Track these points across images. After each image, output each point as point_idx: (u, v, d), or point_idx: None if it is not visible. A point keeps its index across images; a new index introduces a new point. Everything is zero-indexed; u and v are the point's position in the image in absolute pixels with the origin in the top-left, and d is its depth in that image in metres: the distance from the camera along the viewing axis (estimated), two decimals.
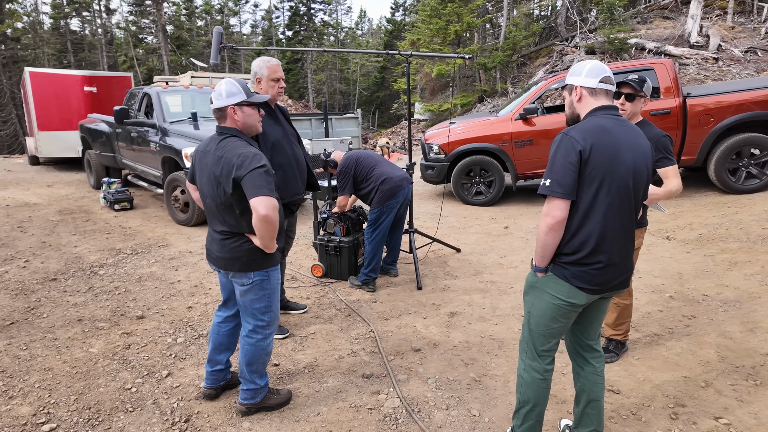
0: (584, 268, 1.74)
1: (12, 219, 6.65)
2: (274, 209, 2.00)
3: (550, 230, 1.71)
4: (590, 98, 1.81)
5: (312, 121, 9.98)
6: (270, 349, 2.31)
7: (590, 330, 1.98)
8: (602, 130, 1.72)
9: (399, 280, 4.30)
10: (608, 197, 1.70)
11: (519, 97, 7.40)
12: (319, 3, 36.85)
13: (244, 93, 2.17)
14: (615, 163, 1.70)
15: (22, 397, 2.51)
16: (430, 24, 19.01)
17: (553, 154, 1.74)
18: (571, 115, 1.88)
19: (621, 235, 1.76)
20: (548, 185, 1.70)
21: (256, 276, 2.19)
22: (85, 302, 3.80)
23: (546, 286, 1.83)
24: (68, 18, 29.36)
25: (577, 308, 1.82)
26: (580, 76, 1.82)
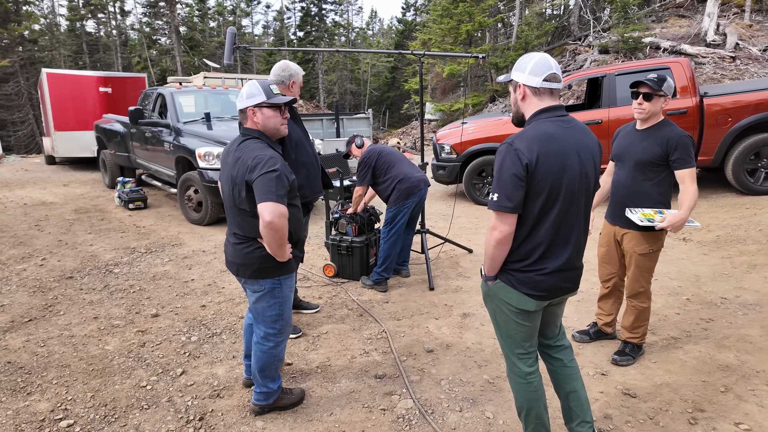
0: (530, 275, 1.71)
1: (29, 217, 6.77)
2: (280, 216, 1.94)
3: (499, 244, 1.68)
4: (534, 98, 1.71)
5: (323, 121, 10.01)
6: (282, 355, 2.30)
7: (547, 332, 1.98)
8: (548, 137, 1.64)
9: (411, 280, 4.28)
10: (556, 206, 1.66)
11: None
12: (330, 3, 36.99)
13: (264, 94, 2.13)
14: (562, 172, 1.64)
15: (39, 393, 2.55)
16: (441, 24, 18.96)
17: (498, 166, 1.66)
18: (516, 114, 1.79)
19: (570, 240, 1.72)
20: (496, 200, 1.64)
21: (268, 284, 2.16)
22: (101, 300, 3.85)
23: (497, 294, 1.81)
24: (84, 20, 29.83)
25: (531, 313, 1.78)
26: (524, 73, 1.70)
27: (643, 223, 2.48)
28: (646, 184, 2.54)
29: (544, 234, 1.67)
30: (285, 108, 2.21)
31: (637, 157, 2.54)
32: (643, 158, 2.51)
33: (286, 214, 1.99)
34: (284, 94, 2.88)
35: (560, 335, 2.01)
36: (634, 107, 2.59)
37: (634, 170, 2.57)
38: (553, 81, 1.68)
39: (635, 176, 2.57)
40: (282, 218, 1.96)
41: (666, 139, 2.46)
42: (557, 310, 1.93)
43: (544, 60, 1.68)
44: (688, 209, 2.41)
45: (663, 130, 2.51)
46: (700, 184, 6.93)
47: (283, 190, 1.98)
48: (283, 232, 2.00)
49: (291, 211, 2.17)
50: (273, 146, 2.17)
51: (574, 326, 3.30)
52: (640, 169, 2.54)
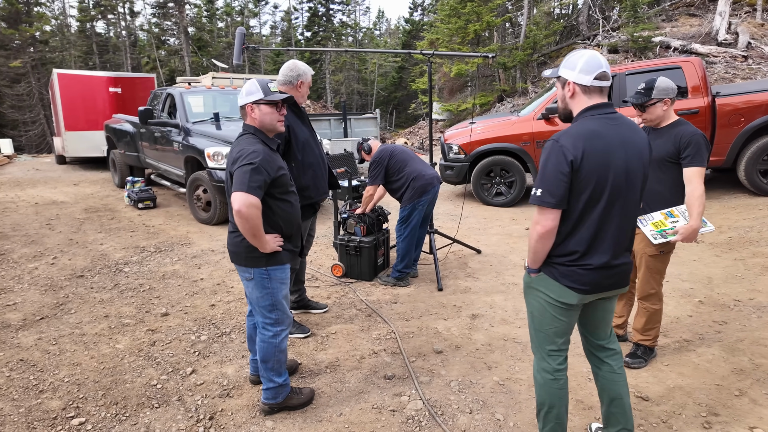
0: (573, 268, 1.73)
1: (41, 216, 6.84)
2: (248, 206, 2.00)
3: (541, 238, 1.71)
4: (583, 96, 1.73)
5: (331, 121, 10.02)
6: (283, 347, 2.30)
7: (598, 332, 1.96)
8: (593, 135, 1.66)
9: (419, 280, 4.27)
10: (600, 203, 1.68)
11: (541, 96, 7.30)
12: (338, 4, 37.05)
13: (261, 92, 2.21)
14: (607, 169, 1.66)
15: (52, 391, 2.57)
16: (449, 23, 18.91)
17: (543, 162, 1.70)
18: (564, 111, 1.82)
19: (615, 236, 1.73)
20: (539, 195, 1.67)
21: (256, 273, 2.21)
22: (111, 299, 3.88)
23: (539, 286, 1.83)
24: (94, 21, 30.12)
25: (574, 308, 1.80)
26: (574, 71, 1.71)
27: (657, 240, 2.46)
28: (657, 184, 2.52)
29: (588, 230, 1.69)
30: (282, 105, 2.27)
31: None
32: (655, 156, 2.48)
33: (256, 205, 2.03)
34: (292, 94, 2.92)
35: (611, 338, 1.99)
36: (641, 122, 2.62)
37: None
38: (603, 79, 1.70)
39: None
40: (250, 208, 2.01)
41: (679, 136, 2.44)
42: (608, 306, 1.91)
43: (594, 58, 1.69)
44: (698, 216, 2.38)
45: (677, 128, 2.48)
46: (712, 185, 6.86)
47: (257, 182, 2.04)
48: (254, 223, 2.04)
49: (282, 206, 2.21)
50: (267, 142, 2.21)
51: None
52: (653, 167, 2.51)
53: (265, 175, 2.06)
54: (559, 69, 1.79)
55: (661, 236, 2.45)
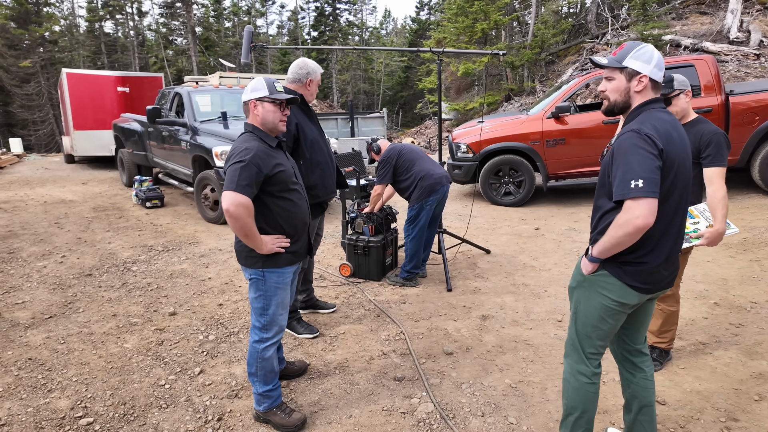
0: (640, 267, 1.67)
1: (49, 215, 6.87)
2: (237, 206, 1.96)
3: (638, 232, 1.55)
4: (651, 91, 1.69)
5: (338, 120, 9.99)
6: (267, 356, 2.21)
7: (638, 334, 1.91)
8: (669, 125, 1.64)
9: (428, 281, 4.23)
10: (673, 196, 1.65)
11: (550, 95, 7.23)
12: (344, 3, 37.03)
13: (266, 89, 2.17)
14: (683, 159, 1.65)
15: (60, 391, 2.56)
16: (456, 22, 18.83)
17: (629, 152, 1.58)
18: (623, 103, 1.72)
19: (677, 231, 1.70)
20: (642, 186, 1.53)
21: (253, 273, 2.17)
22: (119, 298, 3.87)
23: (595, 284, 1.75)
24: (102, 21, 30.34)
25: (627, 309, 1.74)
26: (649, 65, 1.65)
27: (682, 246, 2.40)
28: None
29: (660, 225, 1.63)
30: (286, 106, 2.22)
31: None
32: None
33: (245, 204, 1.99)
34: (301, 93, 2.90)
35: (644, 342, 1.94)
36: None
37: None
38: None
39: None
40: (239, 207, 1.97)
41: (699, 135, 2.38)
42: (650, 308, 1.87)
43: (660, 55, 1.68)
44: (723, 219, 2.32)
45: (697, 126, 2.42)
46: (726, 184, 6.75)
47: (246, 180, 1.99)
48: (243, 222, 2.00)
49: (282, 205, 2.16)
50: (265, 140, 2.16)
51: None
52: None
53: (257, 172, 2.01)
54: (626, 59, 1.67)
55: (686, 241, 2.38)
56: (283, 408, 2.29)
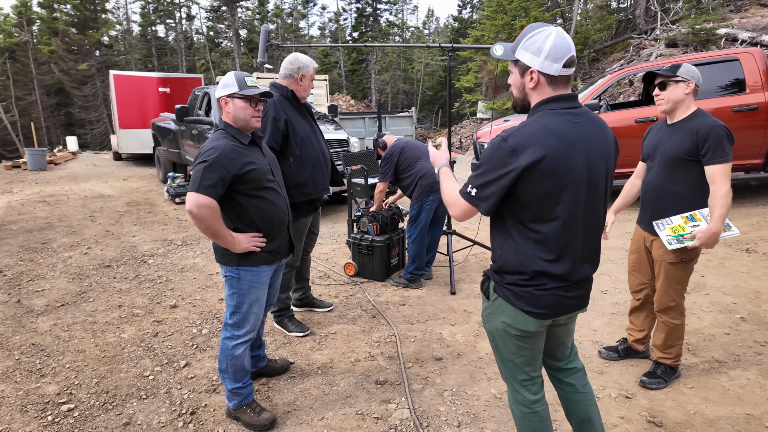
0: (527, 289, 1.48)
1: (86, 209, 7.25)
2: (198, 206, 1.92)
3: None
4: (548, 87, 1.43)
5: (365, 119, 9.98)
6: (237, 353, 2.18)
7: (556, 353, 1.74)
8: (550, 135, 1.38)
9: (433, 283, 4.11)
10: (556, 213, 1.41)
11: (580, 93, 6.89)
12: (385, 3, 37.09)
13: (236, 85, 2.12)
14: (565, 176, 1.38)
15: (52, 376, 2.65)
16: (495, 20, 18.42)
17: (486, 159, 1.43)
18: (522, 102, 1.51)
19: (574, 251, 1.47)
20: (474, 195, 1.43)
21: (228, 271, 2.15)
22: (129, 289, 4.00)
23: (496, 311, 1.58)
24: (154, 25, 31.90)
25: (532, 334, 1.55)
26: (539, 57, 1.39)
27: (672, 245, 2.20)
28: (676, 185, 2.24)
29: (542, 245, 1.43)
30: (258, 101, 2.17)
31: (666, 154, 2.24)
32: (672, 154, 2.21)
33: (208, 205, 1.95)
34: (293, 88, 2.87)
35: (572, 356, 1.78)
36: (655, 101, 2.33)
37: (663, 169, 2.27)
38: (571, 66, 1.42)
39: (665, 176, 2.27)
40: (201, 208, 1.93)
41: (695, 130, 2.15)
42: (566, 329, 1.70)
43: (563, 40, 1.37)
44: (719, 219, 2.09)
45: (694, 120, 2.20)
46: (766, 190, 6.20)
47: (210, 180, 1.95)
48: (208, 223, 1.97)
49: (255, 203, 2.12)
50: (238, 137, 2.12)
51: (604, 341, 3.01)
52: (670, 167, 2.24)
53: (223, 172, 1.97)
54: (517, 50, 1.45)
55: (677, 241, 2.18)
56: (253, 406, 2.27)
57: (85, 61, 23.76)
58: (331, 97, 23.21)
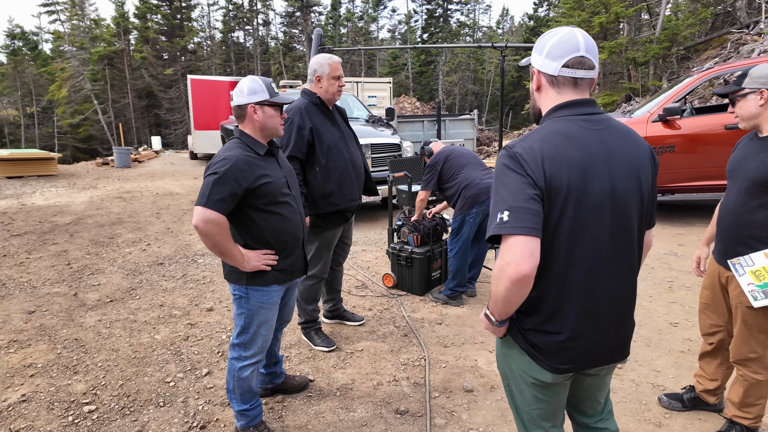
0: (544, 337, 1.23)
1: (155, 206, 7.69)
2: (205, 222, 1.81)
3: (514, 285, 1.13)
4: (551, 90, 1.26)
5: (424, 122, 9.75)
6: (244, 375, 2.07)
7: (583, 407, 1.45)
8: (561, 142, 1.16)
9: (476, 301, 3.82)
10: (572, 238, 1.17)
11: (660, 95, 6.20)
12: (456, 3, 36.52)
13: (267, 92, 2.01)
14: (581, 189, 1.15)
15: (83, 374, 2.73)
16: (571, 17, 17.38)
17: (498, 178, 1.20)
18: (533, 109, 1.34)
19: (601, 292, 1.20)
20: (507, 220, 1.12)
21: (237, 290, 2.04)
22: (174, 288, 4.11)
23: (510, 358, 1.34)
24: (233, 31, 33.82)
25: (552, 386, 1.30)
26: (540, 55, 1.26)
27: (758, 301, 1.78)
28: (760, 213, 1.81)
29: (552, 280, 1.20)
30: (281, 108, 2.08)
31: (750, 175, 1.82)
32: (757, 176, 1.79)
33: (215, 221, 1.83)
34: (316, 92, 2.75)
35: (605, 414, 1.49)
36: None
37: (744, 192, 1.85)
38: (578, 68, 1.21)
39: (745, 200, 1.85)
40: (208, 224, 1.81)
41: None
42: (598, 381, 1.40)
43: (568, 38, 1.22)
44: None
45: None
46: None
47: (219, 194, 1.83)
48: (215, 240, 1.85)
49: (268, 219, 1.99)
50: (253, 147, 2.00)
51: (667, 386, 2.58)
52: (753, 190, 1.82)
53: (234, 185, 1.86)
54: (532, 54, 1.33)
55: (765, 294, 1.76)
56: (260, 429, 2.16)
57: (171, 66, 25.73)
58: (397, 99, 23.20)
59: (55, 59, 32.72)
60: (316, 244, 2.86)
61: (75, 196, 8.46)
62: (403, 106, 22.01)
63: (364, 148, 6.13)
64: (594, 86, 1.28)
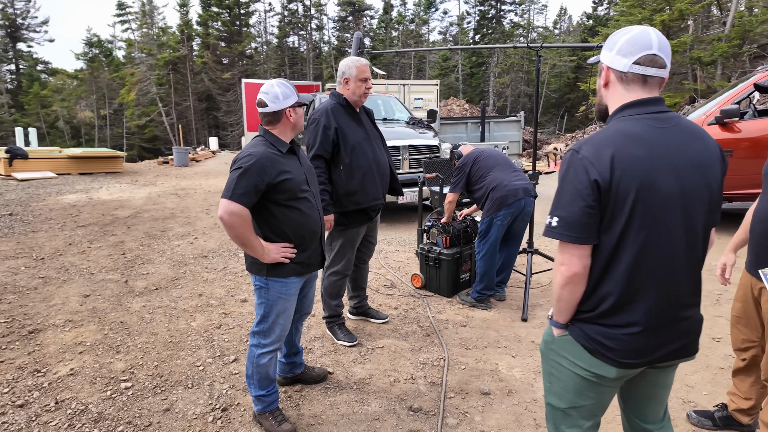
0: (610, 330, 1.23)
1: (205, 203, 8.13)
2: (230, 214, 1.92)
3: (567, 283, 1.25)
4: (619, 86, 1.27)
5: (468, 124, 9.66)
6: (262, 362, 2.17)
7: (646, 411, 1.40)
8: (629, 141, 1.18)
9: (504, 305, 3.77)
10: (641, 236, 1.18)
11: (719, 96, 5.81)
12: (509, 4, 35.78)
13: (296, 94, 2.17)
14: (650, 187, 1.16)
15: (124, 354, 2.96)
16: (630, 15, 16.60)
17: (561, 180, 1.26)
18: (599, 106, 1.36)
19: (669, 287, 1.21)
20: (555, 226, 1.23)
21: (258, 281, 2.14)
22: (214, 280, 4.34)
23: (563, 349, 1.34)
24: (288, 36, 35.00)
25: (611, 382, 1.29)
26: (611, 52, 1.27)
27: None
28: None
29: (620, 275, 1.22)
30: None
31: None
32: None
33: (239, 213, 1.93)
34: (343, 94, 2.84)
35: (665, 422, 1.46)
36: None
37: None
38: (650, 65, 1.22)
39: None
40: (232, 216, 1.92)
41: None
42: (664, 380, 1.39)
43: (641, 36, 1.23)
44: None
45: None
46: None
47: (243, 188, 1.94)
48: (237, 231, 1.95)
49: (288, 214, 2.09)
50: (276, 145, 2.11)
51: (698, 402, 2.45)
52: None
53: (257, 180, 1.97)
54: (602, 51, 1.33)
55: None
56: (275, 414, 2.26)
57: (229, 70, 27.06)
58: (445, 101, 23.07)
59: (126, 65, 35.31)
60: (340, 241, 2.94)
61: (135, 192, 9.10)
62: (451, 108, 21.86)
63: (401, 149, 6.22)
64: (663, 86, 1.29)
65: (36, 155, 11.13)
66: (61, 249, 5.21)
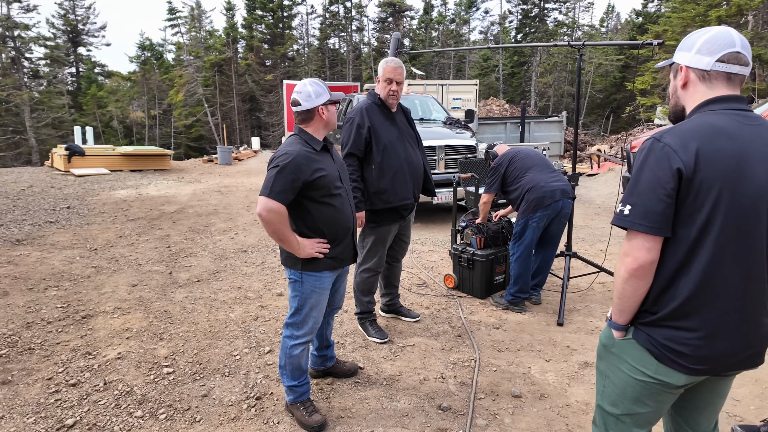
0: (681, 334, 1.18)
1: (247, 200, 8.39)
2: (268, 211, 1.98)
3: (631, 277, 1.20)
4: (700, 85, 1.25)
5: (507, 125, 9.50)
6: (295, 353, 2.23)
7: (700, 419, 1.36)
8: (716, 132, 1.13)
9: (540, 309, 3.70)
10: (722, 233, 1.13)
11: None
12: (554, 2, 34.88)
13: (328, 92, 2.23)
14: (736, 183, 1.11)
15: (167, 341, 3.12)
16: (683, 12, 15.83)
17: (638, 168, 1.20)
18: (674, 107, 1.32)
19: (743, 291, 1.16)
20: (627, 214, 1.18)
21: (292, 274, 2.20)
22: (252, 274, 4.49)
23: (624, 353, 1.30)
24: (329, 38, 35.53)
25: (672, 389, 1.24)
26: (689, 52, 1.26)
27: None
28: None
29: (697, 274, 1.17)
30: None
31: None
32: None
33: (276, 210, 1.99)
34: (377, 92, 2.88)
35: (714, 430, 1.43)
36: None
37: None
38: (734, 63, 1.21)
39: None
40: (270, 213, 1.98)
41: None
42: (723, 388, 1.34)
43: (722, 34, 1.22)
44: None
45: None
46: None
47: (281, 186, 1.99)
48: (275, 227, 2.01)
49: (323, 210, 2.14)
50: (311, 143, 2.16)
51: (744, 417, 2.32)
52: None
53: (294, 178, 2.03)
54: (675, 53, 1.34)
55: None
56: (306, 405, 2.32)
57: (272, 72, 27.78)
58: (485, 101, 22.76)
59: (175, 67, 36.92)
60: (372, 239, 2.98)
61: (181, 189, 9.51)
62: (490, 108, 21.54)
63: (437, 149, 6.21)
64: (743, 84, 1.27)
65: (92, 153, 11.83)
66: (113, 241, 5.53)
